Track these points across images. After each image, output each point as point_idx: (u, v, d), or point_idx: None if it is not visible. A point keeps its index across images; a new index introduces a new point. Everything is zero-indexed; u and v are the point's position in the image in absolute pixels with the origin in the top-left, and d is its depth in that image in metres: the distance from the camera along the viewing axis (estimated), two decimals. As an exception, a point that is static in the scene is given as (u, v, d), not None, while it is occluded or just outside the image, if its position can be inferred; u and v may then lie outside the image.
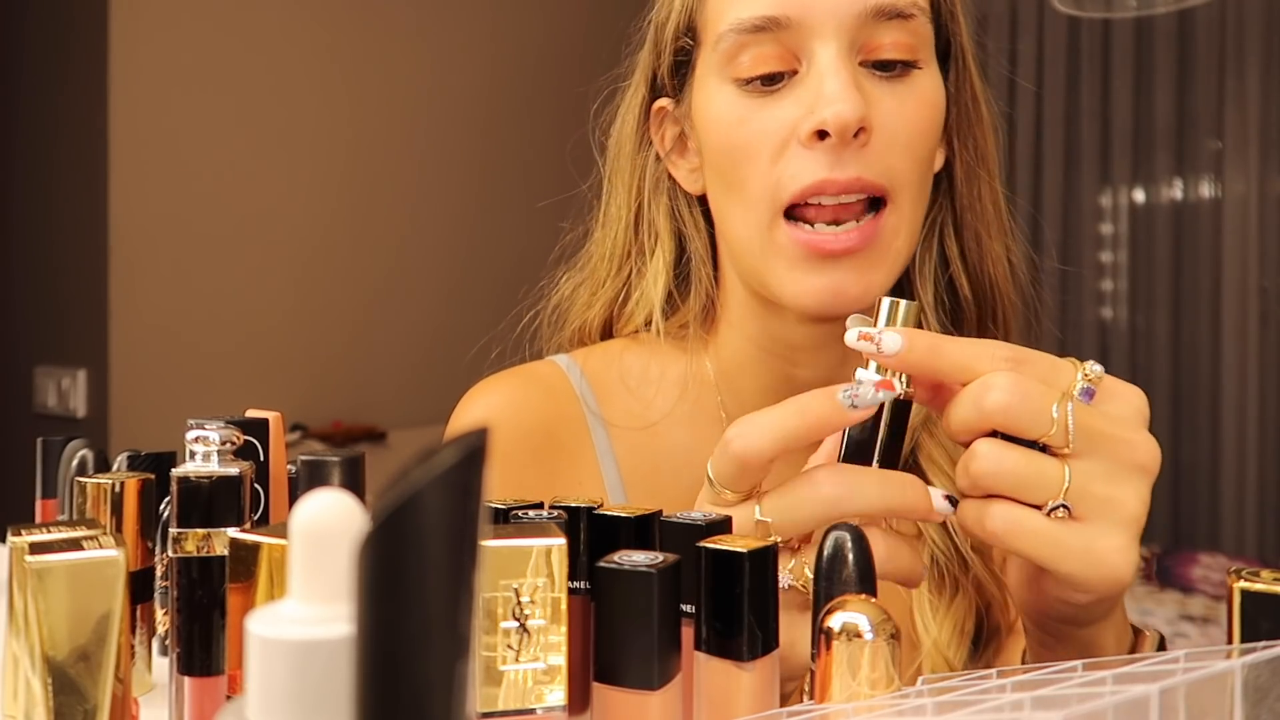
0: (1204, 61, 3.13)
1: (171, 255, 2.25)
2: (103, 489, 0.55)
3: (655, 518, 0.45)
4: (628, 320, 0.73)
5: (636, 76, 0.72)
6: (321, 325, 2.50)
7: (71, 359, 2.23)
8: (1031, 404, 0.42)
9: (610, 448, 0.69)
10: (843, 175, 0.57)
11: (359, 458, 0.53)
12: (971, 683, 0.33)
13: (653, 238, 0.71)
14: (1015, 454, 0.42)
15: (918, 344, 0.44)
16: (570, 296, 0.76)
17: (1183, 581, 2.66)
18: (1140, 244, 3.26)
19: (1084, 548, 0.42)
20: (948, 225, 0.67)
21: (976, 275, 0.66)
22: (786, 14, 0.58)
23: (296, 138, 2.45)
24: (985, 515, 0.43)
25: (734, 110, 0.61)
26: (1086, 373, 0.44)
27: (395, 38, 2.64)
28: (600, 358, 0.72)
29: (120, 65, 2.17)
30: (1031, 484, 0.42)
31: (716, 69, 0.62)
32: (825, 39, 0.58)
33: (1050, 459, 0.43)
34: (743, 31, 0.59)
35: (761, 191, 0.59)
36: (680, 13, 0.65)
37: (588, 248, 0.76)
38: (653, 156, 0.71)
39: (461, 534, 0.20)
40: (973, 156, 0.66)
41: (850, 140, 0.57)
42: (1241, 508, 3.08)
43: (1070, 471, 0.42)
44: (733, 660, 0.38)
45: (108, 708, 0.40)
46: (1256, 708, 0.32)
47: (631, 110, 0.72)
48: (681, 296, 0.71)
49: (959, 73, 0.65)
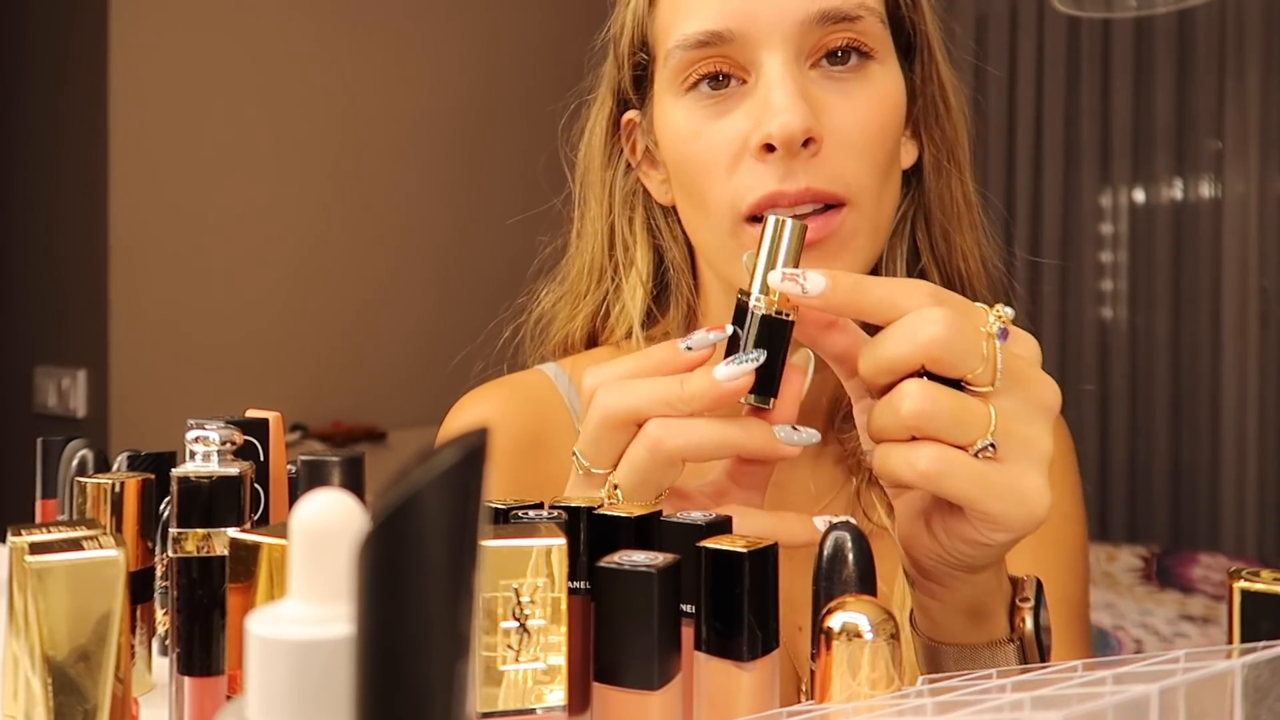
0: (1204, 61, 3.13)
1: (171, 255, 2.25)
2: (103, 489, 0.55)
3: (655, 518, 0.45)
4: (610, 332, 0.73)
5: (602, 90, 0.72)
6: (321, 325, 2.50)
7: (71, 359, 2.23)
8: (966, 340, 0.42)
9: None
10: (793, 187, 0.57)
11: (359, 458, 0.53)
12: (971, 683, 0.33)
13: (628, 252, 0.71)
14: (947, 394, 0.42)
15: (841, 283, 0.44)
16: (552, 310, 0.76)
17: (1183, 581, 2.66)
18: (1140, 244, 3.26)
19: (1008, 486, 0.42)
20: (919, 219, 0.66)
21: (945, 269, 0.66)
22: (729, 27, 0.58)
23: (296, 137, 2.45)
24: (914, 457, 0.42)
25: (688, 124, 0.61)
26: (999, 314, 0.44)
27: (394, 39, 2.64)
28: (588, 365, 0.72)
29: (120, 65, 2.17)
30: (963, 424, 0.42)
31: (668, 85, 0.62)
32: (771, 49, 0.58)
33: (976, 399, 0.42)
34: (688, 48, 0.59)
35: (720, 202, 0.60)
36: (632, 27, 0.66)
37: (566, 260, 0.76)
38: (623, 169, 0.71)
39: (461, 534, 0.20)
40: (940, 149, 0.65)
41: (799, 151, 0.57)
42: (1241, 508, 3.08)
43: (994, 410, 0.42)
44: (733, 660, 0.38)
45: (108, 708, 0.40)
46: (1256, 708, 0.32)
47: (599, 124, 0.72)
48: (663, 306, 0.71)
49: (924, 64, 0.64)
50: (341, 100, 2.54)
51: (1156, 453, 3.22)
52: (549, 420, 0.70)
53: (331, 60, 2.52)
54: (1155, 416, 3.22)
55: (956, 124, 0.66)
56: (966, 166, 0.67)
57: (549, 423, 0.70)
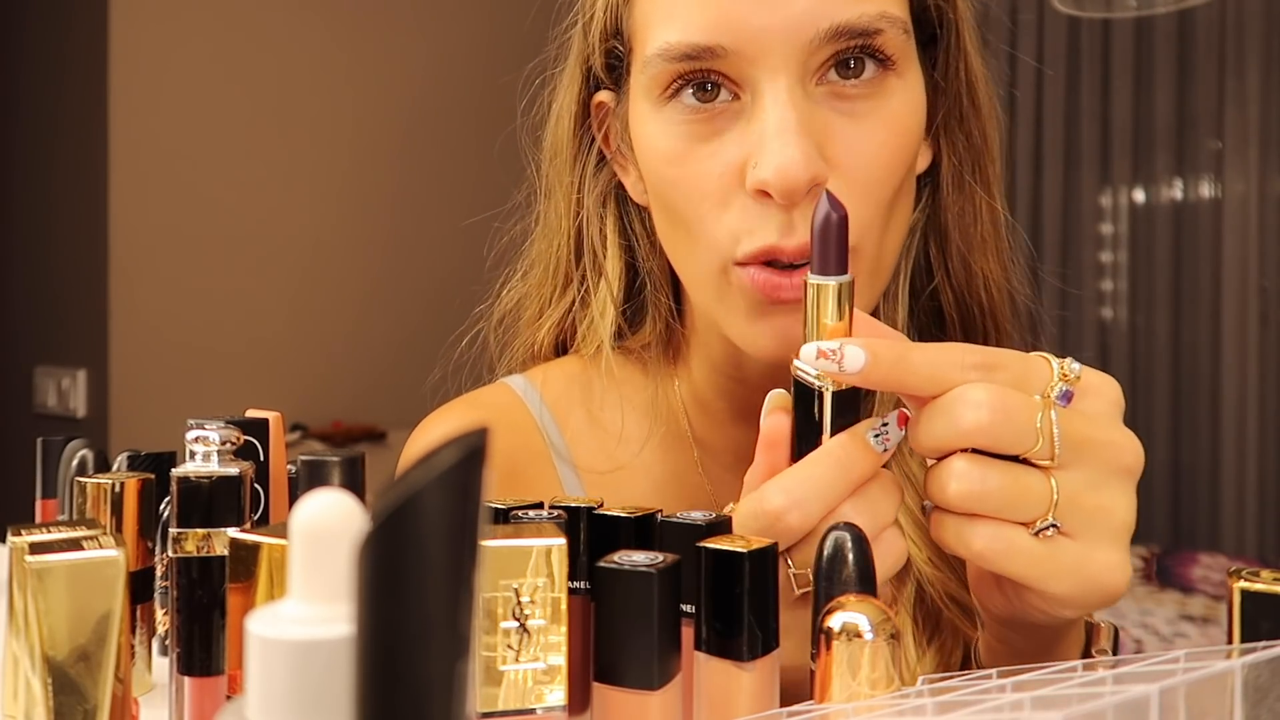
0: (1204, 61, 3.13)
1: (171, 255, 2.25)
2: (103, 489, 0.55)
3: (655, 518, 0.45)
4: (580, 341, 0.65)
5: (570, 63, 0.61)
6: (321, 325, 2.50)
7: (71, 359, 2.23)
8: (1014, 421, 0.38)
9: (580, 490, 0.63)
10: (793, 243, 0.49)
11: (359, 458, 0.53)
12: (971, 683, 0.33)
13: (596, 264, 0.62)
14: (998, 473, 0.39)
15: (883, 358, 0.40)
16: (515, 309, 0.67)
17: (1183, 581, 2.66)
18: (1140, 244, 3.26)
19: (1076, 566, 0.39)
20: (931, 234, 0.59)
21: (961, 295, 0.59)
22: (721, 43, 0.49)
23: (296, 137, 2.45)
24: (969, 535, 0.40)
25: (670, 143, 0.52)
26: (1065, 372, 0.41)
27: (395, 40, 2.64)
28: (559, 380, 0.65)
29: (120, 66, 2.17)
30: (1018, 504, 0.39)
31: (645, 92, 0.53)
32: (771, 70, 0.49)
33: (1034, 472, 0.39)
34: (670, 60, 0.51)
35: (710, 240, 0.52)
36: (604, 15, 0.57)
37: (528, 253, 0.67)
38: (594, 161, 0.62)
39: (461, 534, 0.20)
40: (965, 158, 0.57)
41: (801, 198, 0.48)
42: (1241, 508, 3.08)
43: (1057, 484, 0.39)
44: (733, 660, 0.38)
45: (108, 708, 0.40)
46: (1256, 708, 0.32)
47: (567, 108, 0.62)
48: (636, 324, 0.64)
49: (951, 59, 0.55)
50: (341, 100, 2.54)
51: (1156, 453, 3.22)
52: (522, 448, 0.62)
53: (331, 60, 2.52)
54: (1155, 416, 3.22)
55: (986, 128, 0.58)
56: (995, 179, 0.58)
57: (523, 451, 0.62)
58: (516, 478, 0.61)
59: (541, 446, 0.63)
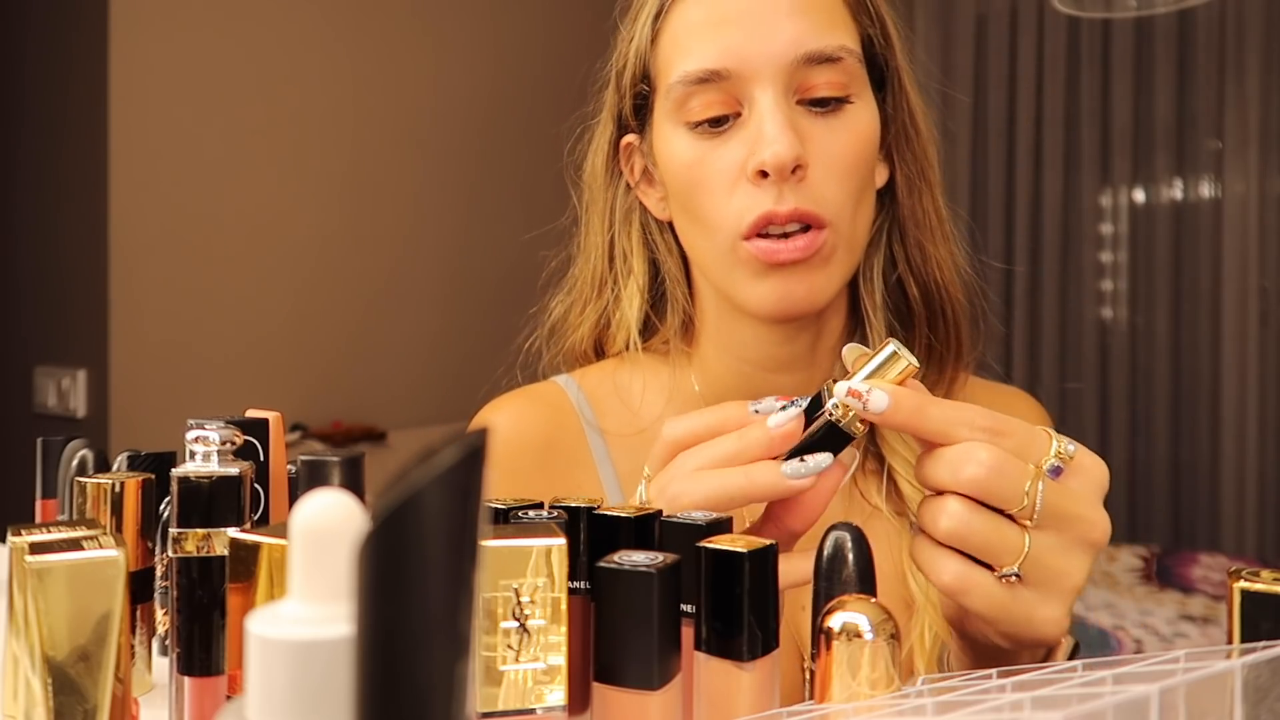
0: (1204, 61, 3.13)
1: (172, 255, 2.25)
2: (103, 489, 0.55)
3: (655, 518, 0.45)
4: (613, 340, 0.79)
5: (604, 115, 0.78)
6: (322, 326, 2.50)
7: (71, 359, 2.23)
8: (1006, 482, 0.45)
9: (607, 454, 0.76)
10: (784, 208, 0.63)
11: (359, 458, 0.53)
12: (971, 683, 0.33)
13: (626, 264, 0.78)
14: (982, 520, 0.45)
15: (904, 405, 0.47)
16: (562, 318, 0.82)
17: (1183, 581, 2.66)
18: (1140, 244, 3.26)
19: (1025, 613, 0.46)
20: (894, 233, 0.73)
21: (921, 277, 0.72)
22: (727, 66, 0.65)
23: (297, 138, 2.45)
24: (940, 567, 0.46)
25: (689, 152, 0.68)
26: (1060, 450, 0.47)
27: (398, 42, 2.64)
28: (596, 375, 0.80)
29: (120, 66, 2.17)
30: (994, 550, 0.45)
31: (670, 115, 0.69)
32: (763, 85, 0.65)
33: (1014, 526, 0.46)
34: (689, 83, 0.66)
35: (721, 221, 0.66)
36: (635, 62, 0.73)
37: (572, 272, 0.82)
38: (622, 188, 0.78)
39: (461, 534, 0.20)
40: (913, 170, 0.72)
41: (789, 176, 0.63)
42: (1241, 508, 3.08)
43: (1030, 541, 0.45)
44: (733, 660, 0.38)
45: (108, 708, 0.40)
46: (1256, 708, 0.32)
47: (601, 148, 0.79)
48: (660, 315, 0.78)
49: (895, 95, 0.71)
50: (343, 101, 2.54)
51: (1156, 453, 3.22)
52: (562, 427, 0.77)
53: (334, 60, 2.52)
54: (1155, 416, 3.22)
55: (926, 147, 0.73)
56: (937, 184, 0.74)
57: (562, 429, 0.77)
58: (555, 450, 0.75)
59: (576, 424, 0.77)
